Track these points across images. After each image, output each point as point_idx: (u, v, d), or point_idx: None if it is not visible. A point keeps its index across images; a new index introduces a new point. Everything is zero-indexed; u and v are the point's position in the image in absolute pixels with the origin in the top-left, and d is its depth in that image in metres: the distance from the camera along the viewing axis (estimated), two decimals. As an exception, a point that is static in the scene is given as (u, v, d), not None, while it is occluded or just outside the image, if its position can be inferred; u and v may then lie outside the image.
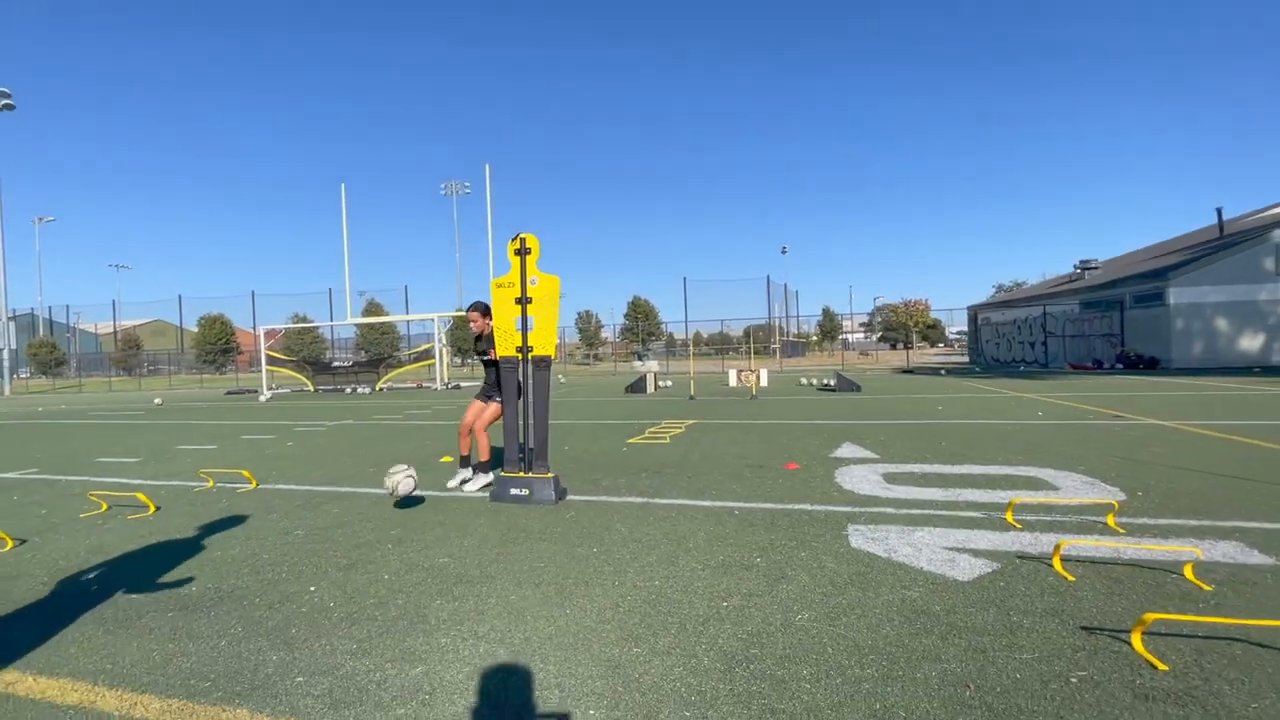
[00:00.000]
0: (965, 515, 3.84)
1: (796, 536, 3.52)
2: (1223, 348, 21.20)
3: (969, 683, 1.96)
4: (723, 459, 6.04)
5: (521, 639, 2.36)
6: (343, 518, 4.24)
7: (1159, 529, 3.46)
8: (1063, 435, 6.96)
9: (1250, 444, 6.05)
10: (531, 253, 4.65)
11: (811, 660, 2.14)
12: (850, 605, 2.57)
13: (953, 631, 2.31)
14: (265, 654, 2.30)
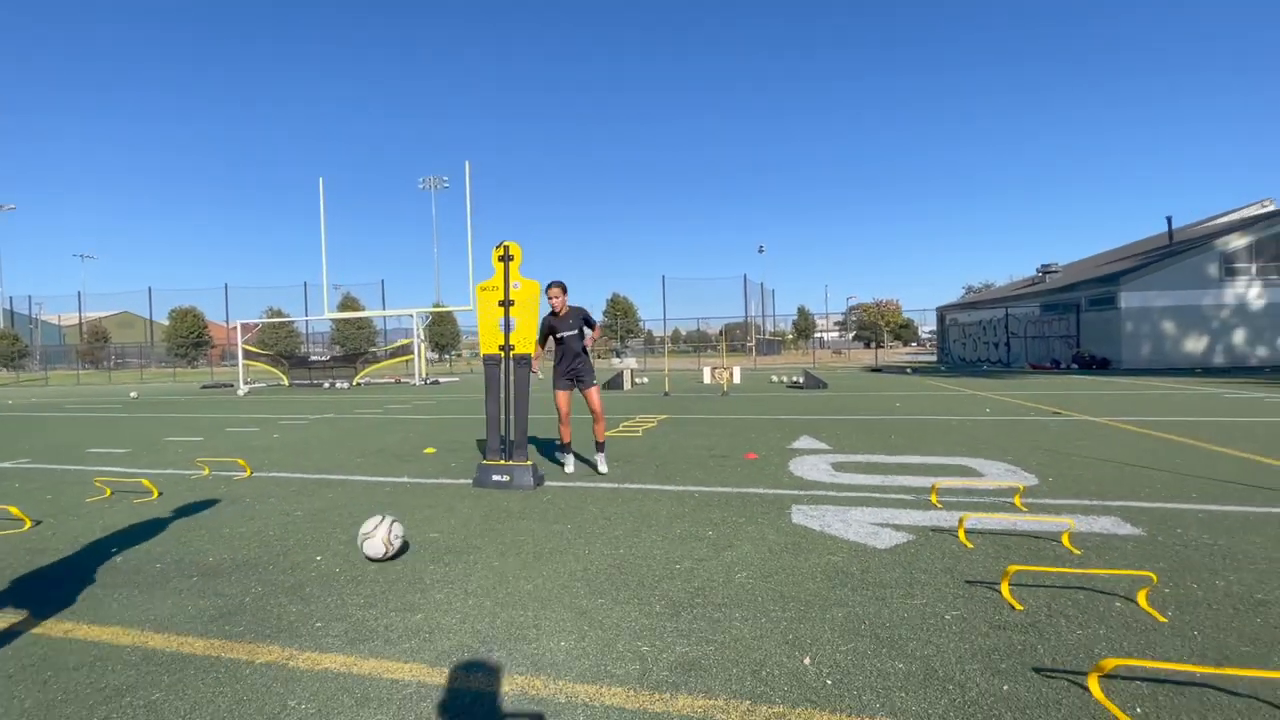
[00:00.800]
0: (896, 497, 4.37)
1: (746, 514, 4.01)
2: (1169, 350, 22.39)
3: (863, 623, 2.46)
4: (689, 450, 6.53)
5: (504, 594, 2.80)
6: (337, 502, 4.62)
7: (1057, 508, 4.02)
8: (1001, 430, 7.60)
9: (1161, 437, 6.73)
10: (514, 259, 5.07)
11: (743, 606, 2.62)
12: (782, 567, 3.06)
13: (862, 586, 2.81)
14: (285, 606, 2.71)
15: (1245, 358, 22.14)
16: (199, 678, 2.13)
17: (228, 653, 2.31)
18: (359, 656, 2.25)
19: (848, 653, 2.21)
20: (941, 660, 2.14)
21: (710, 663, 2.16)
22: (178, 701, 1.99)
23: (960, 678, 2.03)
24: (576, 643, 2.33)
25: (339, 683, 2.07)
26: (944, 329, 36.14)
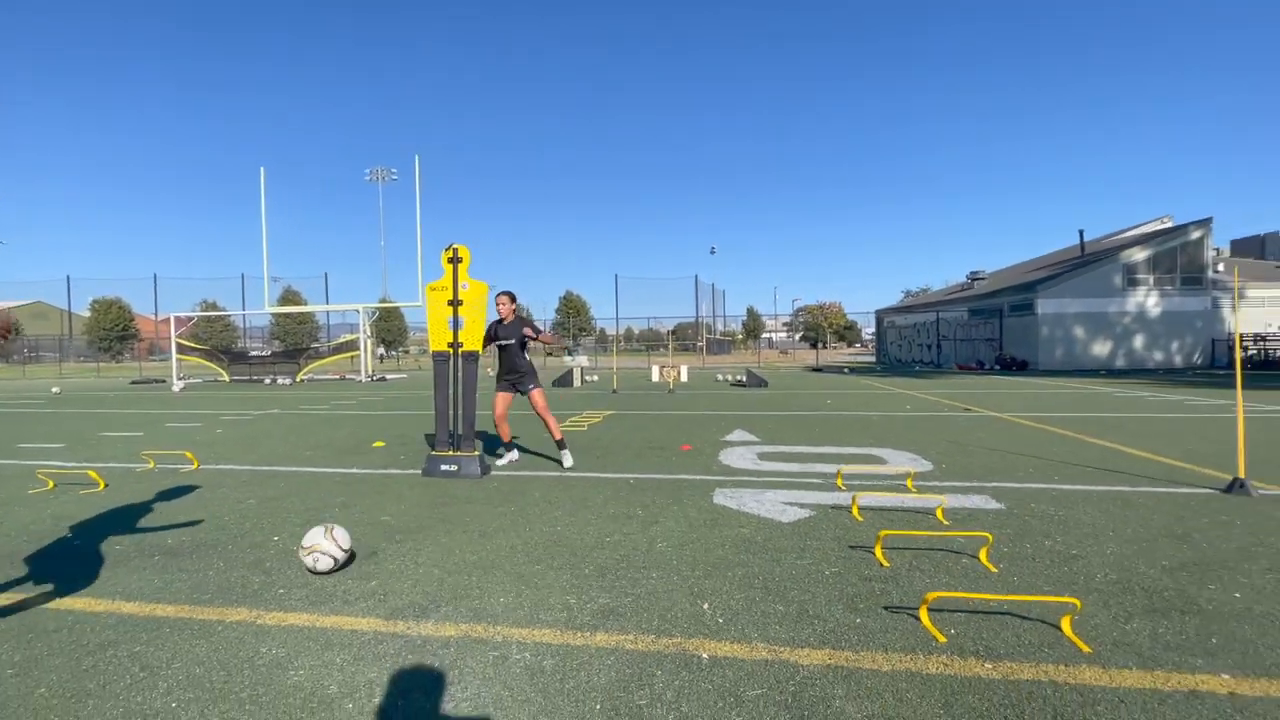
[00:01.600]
0: (807, 481, 4.93)
1: (674, 497, 4.47)
2: (1079, 353, 24.34)
3: (754, 582, 2.94)
4: (630, 443, 6.97)
5: (451, 564, 3.16)
6: (289, 490, 4.83)
7: (941, 488, 4.65)
8: (914, 425, 8.36)
9: (1048, 430, 7.60)
10: (463, 261, 5.38)
11: (659, 568, 3.06)
12: (698, 538, 3.52)
13: (763, 551, 3.30)
14: (249, 578, 2.99)
15: (1144, 361, 24.30)
16: (174, 634, 2.41)
17: (198, 615, 2.59)
18: (320, 614, 2.57)
19: (740, 600, 2.68)
20: (814, 603, 2.63)
21: (626, 610, 2.58)
22: (158, 652, 2.27)
23: (825, 615, 2.52)
24: (514, 599, 2.71)
25: (304, 634, 2.40)
26: (882, 331, 37.94)
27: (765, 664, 2.14)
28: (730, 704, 1.91)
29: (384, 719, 1.84)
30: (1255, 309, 25.43)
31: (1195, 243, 24.57)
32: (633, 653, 2.23)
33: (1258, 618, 2.45)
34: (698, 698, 1.94)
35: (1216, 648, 2.22)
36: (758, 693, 1.97)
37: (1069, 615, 2.37)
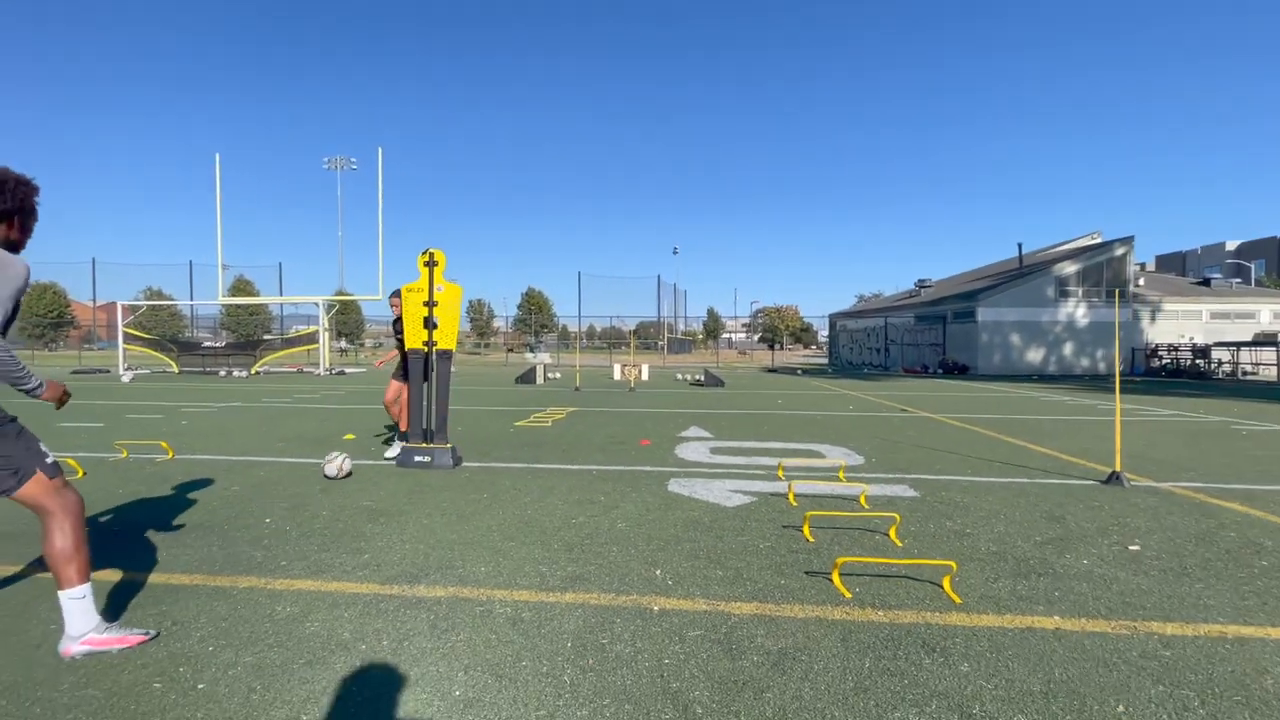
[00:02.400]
0: (752, 472, 5.48)
1: (633, 485, 4.95)
2: (1015, 359, 25.95)
3: (705, 552, 3.44)
4: (592, 438, 7.42)
5: (434, 541, 3.55)
6: (270, 478, 5.10)
7: (868, 478, 5.26)
8: (855, 423, 9.07)
9: (972, 429, 8.40)
10: (439, 265, 5.73)
11: (619, 543, 3.53)
12: (654, 519, 4.01)
13: (709, 530, 3.81)
14: (250, 553, 3.32)
15: (1072, 367, 26.09)
16: (194, 597, 2.75)
17: (212, 582, 2.92)
18: (323, 581, 2.95)
19: (687, 567, 3.17)
20: (748, 570, 3.15)
21: (590, 575, 3.05)
22: (184, 610, 2.61)
23: (756, 578, 3.04)
24: (493, 568, 3.14)
25: (312, 596, 2.77)
26: (835, 334, 39.37)
27: (705, 614, 2.64)
28: (675, 641, 2.39)
29: (394, 657, 2.26)
30: (1170, 321, 27.61)
31: (1119, 258, 26.51)
32: (596, 607, 2.69)
33: (1095, 577, 3.08)
34: (649, 638, 2.42)
35: (1056, 598, 2.82)
36: (697, 633, 2.46)
37: (948, 576, 2.95)
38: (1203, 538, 3.74)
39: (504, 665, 2.20)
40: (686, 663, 2.23)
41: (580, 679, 2.11)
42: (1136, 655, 2.30)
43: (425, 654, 2.27)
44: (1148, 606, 2.74)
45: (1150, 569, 3.20)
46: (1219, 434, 8.33)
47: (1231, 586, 2.98)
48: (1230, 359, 24.07)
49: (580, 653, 2.30)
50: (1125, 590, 2.91)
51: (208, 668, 2.16)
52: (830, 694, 2.03)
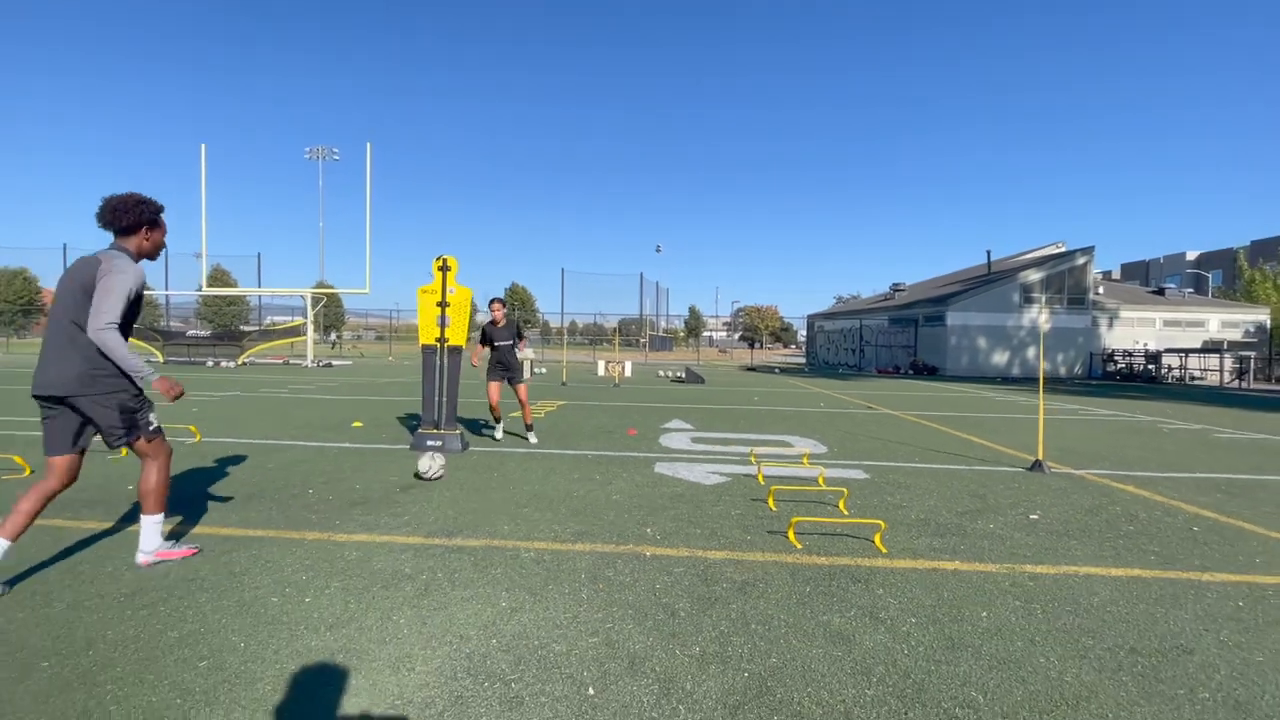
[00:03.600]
0: (728, 458, 6.22)
1: (624, 467, 5.66)
2: (982, 361, 27.19)
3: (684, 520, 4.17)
4: (584, 427, 8.11)
5: (459, 509, 4.22)
6: (298, 459, 5.71)
7: (829, 464, 6.03)
8: (823, 418, 9.89)
9: (927, 425, 9.27)
10: (451, 270, 6.36)
11: (615, 510, 4.24)
12: (643, 494, 4.72)
13: (689, 502, 4.53)
14: (305, 515, 3.96)
15: (1035, 371, 27.39)
16: (272, 546, 3.39)
17: (284, 535, 3.57)
18: (375, 534, 3.61)
19: (672, 526, 3.89)
20: (721, 529, 3.88)
21: (594, 532, 3.75)
22: (269, 554, 3.26)
23: (727, 534, 3.77)
24: (513, 527, 3.83)
25: (370, 545, 3.43)
26: (812, 335, 40.47)
27: (686, 558, 3.36)
28: (664, 574, 3.11)
29: (449, 583, 2.93)
30: (1127, 328, 29.13)
31: (1080, 268, 27.90)
32: (601, 553, 3.40)
33: (995, 537, 3.87)
34: (644, 572, 3.13)
35: (961, 550, 3.60)
36: (681, 569, 3.18)
37: (878, 533, 3.72)
38: (1092, 510, 4.57)
39: (535, 587, 2.90)
40: (673, 587, 2.95)
41: (594, 595, 2.82)
42: (1008, 585, 3.08)
43: (472, 581, 2.96)
44: (1028, 555, 3.53)
45: (1040, 531, 4.01)
46: (1145, 431, 9.31)
47: (1098, 543, 3.79)
48: (1179, 365, 25.57)
49: (592, 580, 3.00)
50: (1015, 545, 3.71)
51: (307, 590, 2.82)
52: (778, 606, 2.77)
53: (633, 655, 2.30)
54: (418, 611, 2.61)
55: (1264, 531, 4.13)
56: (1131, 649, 2.44)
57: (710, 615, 2.65)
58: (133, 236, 3.00)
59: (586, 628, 2.51)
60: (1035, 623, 2.65)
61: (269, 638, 2.36)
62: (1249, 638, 2.56)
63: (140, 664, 2.15)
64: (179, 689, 2.01)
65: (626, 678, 2.15)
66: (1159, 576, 3.25)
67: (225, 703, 1.94)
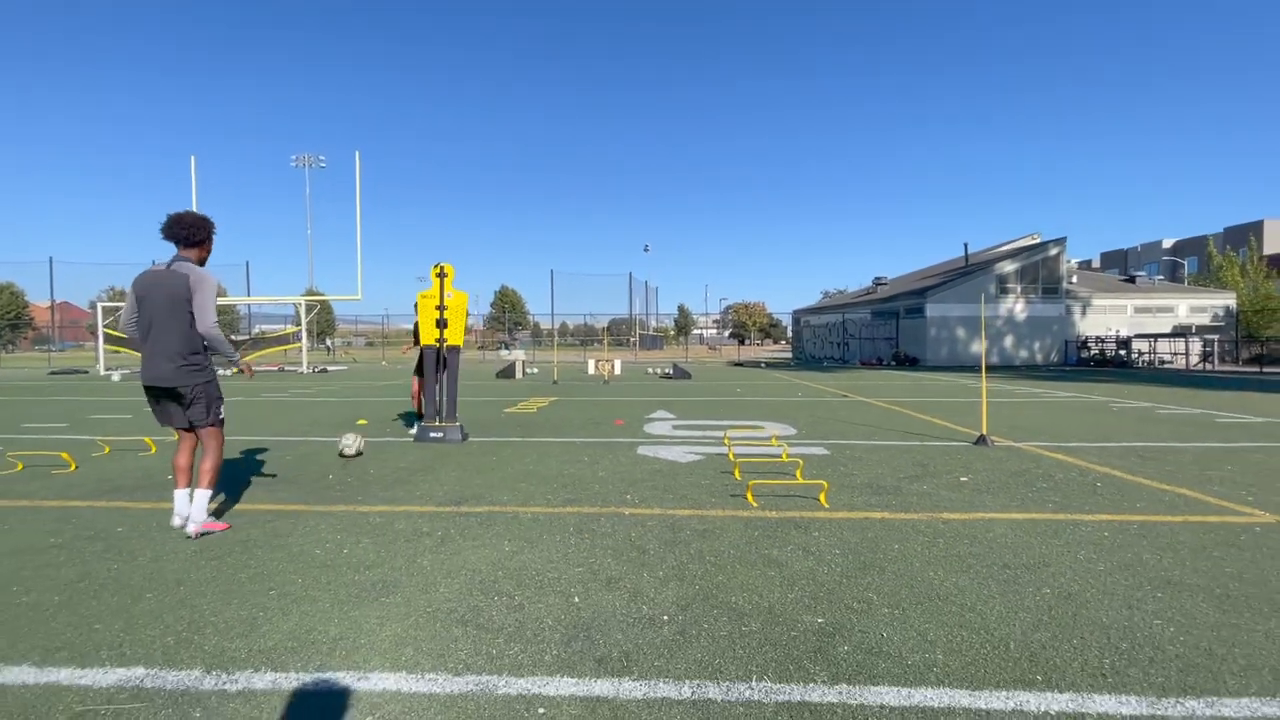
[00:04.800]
0: (705, 441, 6.86)
1: (610, 450, 6.28)
2: (961, 351, 28.02)
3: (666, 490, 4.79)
4: (574, 419, 8.73)
5: (463, 485, 4.82)
6: (312, 451, 6.28)
7: (795, 443, 6.67)
8: (798, 406, 10.55)
9: (893, 409, 9.95)
10: (448, 276, 6.95)
11: (602, 484, 4.86)
12: (625, 470, 5.35)
13: (667, 477, 5.16)
14: (328, 493, 4.55)
15: (1012, 358, 28.29)
16: (306, 517, 3.98)
17: (314, 509, 4.16)
18: (394, 505, 4.20)
19: (649, 494, 4.51)
20: (691, 494, 4.51)
21: (581, 499, 4.37)
22: (304, 523, 3.84)
23: (696, 498, 4.39)
24: (512, 497, 4.44)
25: (390, 513, 4.03)
26: (799, 329, 41.24)
27: (659, 515, 3.98)
28: (638, 527, 3.73)
29: (460, 537, 3.54)
30: (1099, 315, 30.08)
31: (1053, 258, 28.82)
32: (587, 514, 4.02)
33: (924, 494, 4.52)
34: (622, 526, 3.75)
35: (892, 505, 4.24)
36: (653, 523, 3.80)
37: (822, 492, 4.36)
38: (1017, 474, 5.24)
39: (532, 538, 3.51)
40: (645, 535, 3.57)
41: (580, 542, 3.44)
42: (924, 528, 3.73)
43: (479, 535, 3.57)
44: (947, 506, 4.19)
45: (966, 490, 4.67)
46: (1093, 410, 10.05)
47: (1009, 496, 4.46)
48: (1149, 350, 26.52)
49: (579, 532, 3.62)
50: (939, 500, 4.37)
51: (344, 545, 3.42)
52: (730, 545, 3.40)
53: (609, 577, 2.92)
54: (437, 556, 3.22)
55: (1155, 485, 4.81)
56: (1004, 565, 3.09)
57: (674, 552, 3.28)
58: (196, 249, 3.65)
59: (573, 562, 3.13)
60: (935, 551, 3.30)
61: (319, 575, 2.96)
62: (1098, 555, 3.23)
63: (223, 594, 2.75)
64: (260, 607, 2.61)
65: (604, 591, 2.77)
66: (1050, 518, 3.91)
67: (296, 613, 2.55)
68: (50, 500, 4.33)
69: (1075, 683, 2.02)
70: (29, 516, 3.94)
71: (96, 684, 2.01)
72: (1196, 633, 2.36)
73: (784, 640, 2.31)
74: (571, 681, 2.04)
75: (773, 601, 2.66)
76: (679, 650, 2.24)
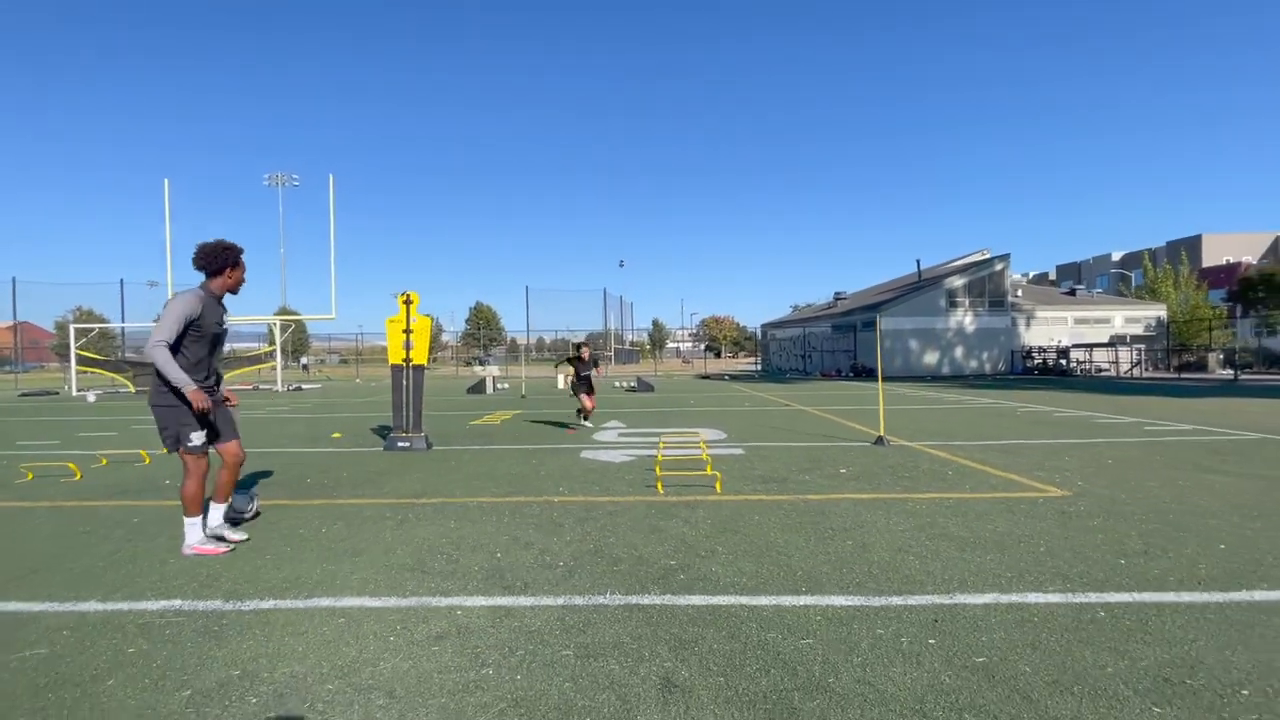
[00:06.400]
0: (643, 445, 7.83)
1: (556, 454, 7.21)
2: (914, 362, 29.53)
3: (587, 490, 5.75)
4: (532, 430, 9.63)
5: (427, 483, 5.70)
6: (293, 461, 7.09)
7: (719, 445, 7.67)
8: (739, 415, 11.60)
9: (825, 417, 11.04)
10: (414, 302, 7.85)
11: (541, 480, 5.79)
12: (566, 470, 6.28)
13: (600, 474, 6.10)
14: (308, 491, 5.40)
15: (962, 368, 29.88)
16: (289, 509, 4.82)
17: (295, 503, 5.00)
18: (365, 499, 5.07)
19: (578, 487, 5.45)
20: (613, 486, 5.45)
21: (521, 491, 5.29)
22: (288, 514, 4.70)
23: (616, 489, 5.34)
24: (466, 490, 5.34)
25: (360, 504, 4.90)
26: (766, 342, 42.64)
27: (581, 501, 4.92)
28: (560, 510, 4.66)
29: (415, 519, 4.43)
30: (1042, 326, 31.94)
31: (999, 273, 30.61)
32: (523, 502, 4.94)
33: (805, 482, 5.53)
34: (549, 510, 4.68)
35: (774, 490, 5.24)
36: (574, 506, 4.74)
37: (718, 480, 5.36)
38: (890, 466, 6.29)
39: (473, 519, 4.43)
40: (565, 515, 4.51)
41: (511, 521, 4.37)
42: (786, 505, 4.73)
43: (432, 518, 4.47)
44: (815, 490, 5.20)
45: (840, 479, 5.70)
46: (999, 415, 11.27)
47: (869, 482, 5.50)
48: (1086, 358, 28.30)
49: (512, 514, 4.55)
50: (813, 486, 5.38)
51: (322, 526, 4.29)
52: (628, 520, 4.35)
53: (528, 542, 3.86)
54: (396, 532, 4.12)
55: (993, 471, 5.91)
56: (830, 528, 4.09)
57: (583, 526, 4.22)
58: (217, 278, 3.72)
59: (502, 533, 4.06)
60: (782, 519, 4.29)
61: (304, 545, 3.84)
62: (905, 520, 4.25)
63: (231, 559, 3.61)
64: (260, 565, 3.48)
65: (521, 550, 3.70)
66: (889, 497, 4.94)
67: (288, 568, 3.42)
68: (69, 501, 5.11)
69: (826, 590, 3.01)
70: (55, 514, 4.74)
71: (148, 609, 2.88)
72: (933, 564, 3.38)
73: (641, 574, 3.27)
74: (483, 598, 2.96)
75: (644, 553, 3.62)
76: (564, 580, 3.18)
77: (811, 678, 2.20)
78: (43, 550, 3.81)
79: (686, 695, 2.10)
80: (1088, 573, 3.18)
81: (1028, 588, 2.99)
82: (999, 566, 3.30)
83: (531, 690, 2.15)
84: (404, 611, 2.82)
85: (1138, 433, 8.56)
